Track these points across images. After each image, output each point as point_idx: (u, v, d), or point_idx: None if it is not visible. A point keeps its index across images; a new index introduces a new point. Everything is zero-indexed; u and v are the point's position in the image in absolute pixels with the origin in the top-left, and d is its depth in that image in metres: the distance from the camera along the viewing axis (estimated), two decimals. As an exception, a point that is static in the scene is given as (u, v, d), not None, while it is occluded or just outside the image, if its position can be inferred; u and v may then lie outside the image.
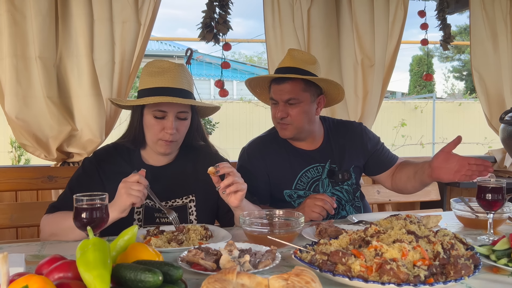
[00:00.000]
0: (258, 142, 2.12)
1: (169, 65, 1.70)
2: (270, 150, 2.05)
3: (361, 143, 2.13)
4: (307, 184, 2.03)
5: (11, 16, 2.39)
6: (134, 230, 1.08)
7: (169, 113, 1.66)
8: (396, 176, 2.14)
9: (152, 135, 1.70)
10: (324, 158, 2.06)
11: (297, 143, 2.07)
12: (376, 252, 1.10)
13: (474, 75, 3.54)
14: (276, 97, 1.95)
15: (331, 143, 2.10)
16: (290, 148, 2.07)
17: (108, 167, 1.75)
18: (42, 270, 0.95)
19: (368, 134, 2.18)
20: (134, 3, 2.58)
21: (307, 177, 2.04)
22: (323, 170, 2.05)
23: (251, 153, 2.07)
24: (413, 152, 9.30)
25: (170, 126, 1.66)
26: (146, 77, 1.70)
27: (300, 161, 2.04)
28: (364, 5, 3.05)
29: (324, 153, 2.07)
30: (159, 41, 13.82)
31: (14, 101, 2.44)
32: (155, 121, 1.67)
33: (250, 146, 2.10)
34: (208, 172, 1.53)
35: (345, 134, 2.13)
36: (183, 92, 1.68)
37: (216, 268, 1.16)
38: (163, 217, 1.73)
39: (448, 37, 3.45)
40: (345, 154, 2.09)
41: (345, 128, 2.16)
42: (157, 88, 1.66)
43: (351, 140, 2.12)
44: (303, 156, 2.05)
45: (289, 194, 2.03)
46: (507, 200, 1.61)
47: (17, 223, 2.26)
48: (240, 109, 9.58)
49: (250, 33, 42.42)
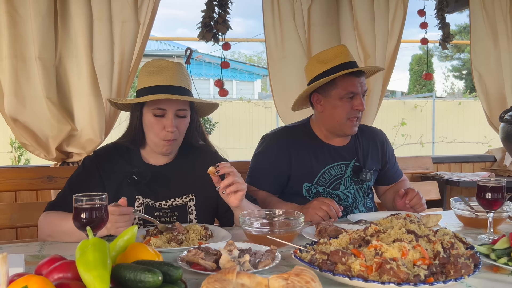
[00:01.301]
0: (286, 131, 2.13)
1: (167, 64, 1.70)
2: (297, 141, 2.06)
3: (382, 150, 2.19)
4: (328, 181, 2.05)
5: (10, 17, 2.39)
6: (134, 230, 1.08)
7: (168, 110, 1.66)
8: (387, 195, 2.23)
9: (154, 136, 1.70)
10: (351, 156, 2.09)
11: (329, 139, 2.09)
12: (376, 252, 1.10)
13: (474, 74, 3.54)
14: (358, 89, 1.96)
15: (358, 142, 2.14)
16: (319, 142, 2.08)
17: (108, 166, 1.75)
18: (42, 270, 0.95)
19: (389, 143, 2.25)
20: (133, 2, 2.58)
21: (330, 174, 2.05)
22: (347, 169, 2.08)
23: (277, 141, 2.07)
24: (413, 151, 9.30)
25: (170, 124, 1.65)
26: (144, 77, 1.70)
27: (326, 157, 2.06)
28: (364, 4, 3.05)
29: (352, 150, 2.11)
30: (159, 41, 13.81)
31: (14, 101, 2.44)
32: (154, 119, 1.67)
33: (276, 134, 2.11)
34: (208, 172, 1.53)
35: (369, 137, 2.18)
36: (182, 89, 1.68)
37: (216, 268, 1.16)
38: (163, 216, 1.73)
39: (447, 36, 3.45)
40: (368, 155, 2.14)
41: (370, 131, 2.22)
42: (156, 86, 1.66)
43: (374, 144, 2.17)
44: (331, 152, 2.07)
45: (308, 188, 2.04)
46: (507, 199, 1.61)
47: (16, 223, 2.25)
48: (239, 108, 9.58)
49: (249, 32, 42.38)
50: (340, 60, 1.97)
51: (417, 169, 3.26)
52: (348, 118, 1.97)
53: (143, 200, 1.73)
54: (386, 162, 2.21)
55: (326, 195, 2.04)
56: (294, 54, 2.99)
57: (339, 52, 2.00)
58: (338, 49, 2.01)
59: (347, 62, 1.97)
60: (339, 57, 1.98)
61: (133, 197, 1.72)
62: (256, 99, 11.38)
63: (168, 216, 1.75)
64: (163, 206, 1.75)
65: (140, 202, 1.73)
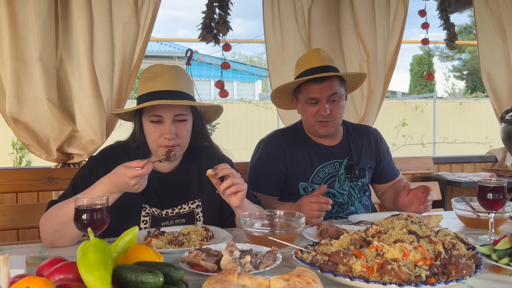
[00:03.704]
0: (279, 134, 2.19)
1: (163, 68, 1.65)
2: (290, 142, 2.11)
3: (376, 147, 2.22)
4: (323, 179, 2.08)
5: (11, 19, 2.40)
6: (135, 231, 1.08)
7: (165, 117, 1.61)
8: (386, 195, 2.24)
9: (152, 143, 1.65)
10: (343, 154, 2.12)
11: (318, 139, 2.13)
12: (377, 252, 1.10)
13: (483, 72, 3.53)
14: (318, 95, 1.98)
15: (350, 141, 2.17)
16: (311, 142, 2.13)
17: (114, 167, 1.69)
18: (43, 271, 0.95)
19: (383, 141, 2.27)
20: (134, 4, 2.58)
21: (324, 172, 2.09)
22: (340, 166, 2.11)
23: (272, 144, 2.13)
24: (414, 151, 9.30)
25: (168, 130, 1.60)
26: (141, 84, 1.66)
27: (319, 156, 2.10)
28: (365, 4, 3.05)
29: (343, 149, 2.14)
30: (159, 42, 13.84)
31: (15, 102, 2.45)
32: (152, 127, 1.63)
33: (271, 138, 2.17)
34: (207, 175, 1.52)
35: (362, 135, 2.21)
36: (178, 94, 1.62)
37: (217, 269, 1.16)
38: (170, 225, 1.71)
39: (453, 36, 3.44)
40: (362, 153, 2.17)
41: (363, 130, 2.25)
42: (152, 92, 1.61)
43: (368, 142, 2.20)
44: (323, 151, 2.11)
45: (304, 187, 2.07)
46: (508, 200, 1.60)
47: (17, 224, 2.25)
48: (240, 109, 9.59)
49: (250, 33, 42.45)
50: (309, 65, 2.02)
51: (418, 169, 3.26)
52: (316, 121, 2.03)
53: (149, 209, 1.70)
54: (381, 160, 2.22)
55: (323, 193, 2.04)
56: (294, 55, 2.99)
57: (309, 57, 2.05)
58: (310, 54, 2.07)
59: (316, 67, 2.00)
60: (309, 62, 2.03)
61: (139, 205, 1.69)
62: (257, 100, 11.38)
63: (176, 224, 1.72)
64: (170, 214, 1.73)
65: (146, 211, 1.69)
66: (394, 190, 2.19)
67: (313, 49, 2.11)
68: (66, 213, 1.43)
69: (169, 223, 1.72)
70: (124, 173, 1.42)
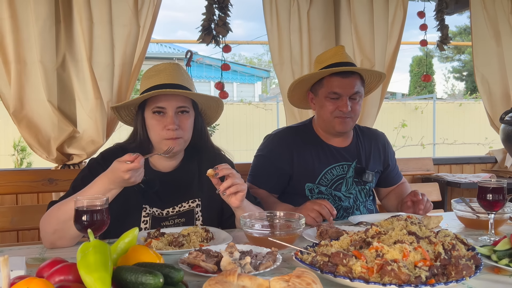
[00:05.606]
0: (287, 132, 2.14)
1: (165, 66, 1.70)
2: (298, 142, 2.06)
3: (384, 152, 2.20)
4: (330, 181, 2.05)
5: (13, 22, 2.41)
6: (135, 233, 1.08)
7: (168, 108, 1.64)
8: (389, 199, 2.23)
9: (155, 135, 1.67)
10: (352, 157, 2.10)
11: (329, 139, 2.09)
12: (377, 253, 1.10)
13: (477, 75, 3.53)
14: (341, 90, 1.95)
15: (359, 143, 2.14)
16: (320, 142, 2.09)
17: None
18: (43, 273, 0.95)
19: (390, 146, 2.27)
20: (134, 6, 2.58)
21: (332, 174, 2.05)
22: (349, 169, 2.08)
23: (278, 142, 2.08)
24: (413, 152, 9.31)
25: (171, 121, 1.63)
26: (144, 81, 1.71)
27: (328, 158, 2.06)
28: (363, 6, 3.06)
29: (353, 151, 2.11)
30: (159, 44, 13.83)
31: (18, 105, 2.46)
32: (156, 120, 1.65)
33: (278, 135, 2.12)
34: (208, 175, 1.52)
35: (371, 139, 2.19)
36: (181, 87, 1.66)
37: (217, 270, 1.16)
38: (170, 225, 1.72)
39: (445, 38, 3.45)
40: (370, 157, 2.14)
41: (371, 133, 2.23)
42: (154, 86, 1.66)
43: (376, 146, 2.18)
44: (332, 153, 2.07)
45: (310, 188, 2.04)
46: (508, 200, 1.60)
47: (17, 226, 2.25)
48: (240, 111, 9.60)
49: (250, 35, 42.47)
50: (333, 60, 1.98)
51: (418, 170, 3.26)
52: (335, 117, 1.98)
53: (150, 210, 1.70)
54: (388, 165, 2.21)
55: (328, 195, 2.04)
56: (295, 57, 3.00)
57: (334, 53, 2.02)
58: (334, 50, 2.04)
59: (340, 62, 1.97)
60: (334, 57, 1.99)
61: (140, 206, 1.69)
62: (257, 101, 11.39)
63: (175, 223, 1.73)
64: (171, 213, 1.73)
65: (146, 212, 1.70)
66: (396, 194, 2.19)
67: (337, 46, 2.08)
68: (66, 211, 1.43)
69: (169, 223, 1.72)
70: (118, 167, 1.44)
